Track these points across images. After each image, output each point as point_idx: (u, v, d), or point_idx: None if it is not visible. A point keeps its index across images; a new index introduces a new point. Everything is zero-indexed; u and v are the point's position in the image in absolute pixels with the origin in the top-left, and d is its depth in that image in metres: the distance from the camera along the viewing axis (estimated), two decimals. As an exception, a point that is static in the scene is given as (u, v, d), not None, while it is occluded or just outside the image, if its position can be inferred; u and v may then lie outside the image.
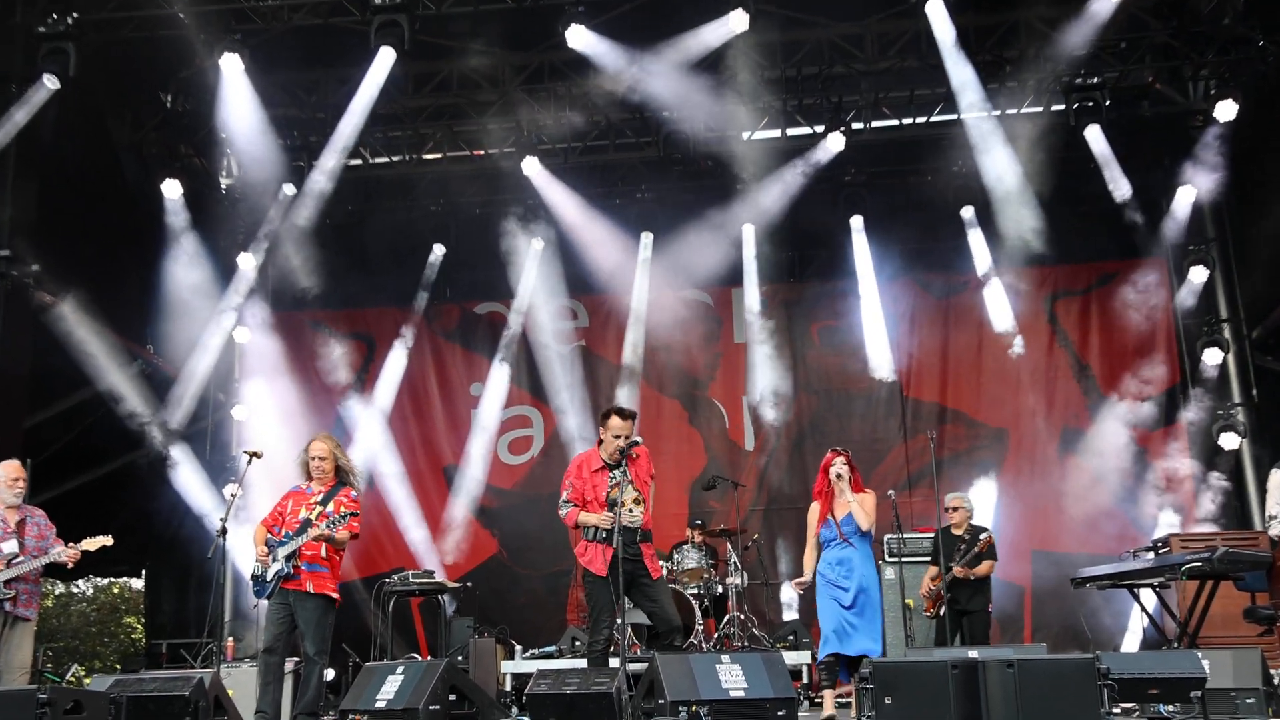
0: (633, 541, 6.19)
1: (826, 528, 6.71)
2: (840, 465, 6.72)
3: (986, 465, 11.00)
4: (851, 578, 6.53)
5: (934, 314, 11.58)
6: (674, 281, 11.55)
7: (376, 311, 12.27)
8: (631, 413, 6.38)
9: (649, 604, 6.27)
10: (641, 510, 6.26)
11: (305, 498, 6.49)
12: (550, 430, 11.86)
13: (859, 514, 6.62)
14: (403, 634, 10.83)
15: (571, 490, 6.29)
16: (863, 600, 6.49)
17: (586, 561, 6.25)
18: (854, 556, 6.59)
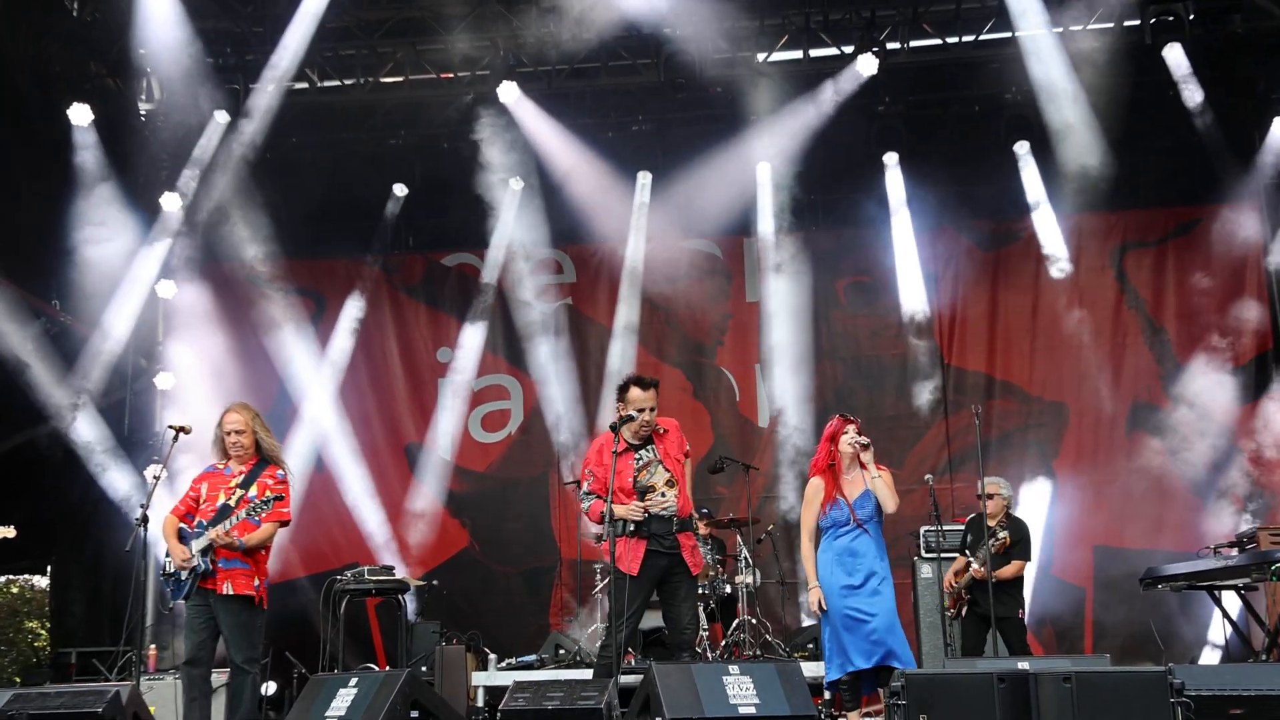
0: (669, 532, 6.26)
1: (835, 508, 6.46)
2: (854, 437, 6.48)
3: (1041, 446, 11.01)
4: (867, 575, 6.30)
5: (980, 268, 11.54)
6: (676, 229, 11.54)
7: (326, 263, 12.23)
8: (652, 381, 6.43)
9: (670, 608, 6.30)
10: (675, 494, 6.31)
11: (223, 480, 6.46)
12: (531, 403, 11.87)
13: (883, 491, 6.39)
14: (356, 640, 10.82)
15: (594, 480, 6.34)
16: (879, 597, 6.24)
17: (617, 558, 6.26)
18: (870, 547, 6.36)
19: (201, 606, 6.29)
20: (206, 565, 6.23)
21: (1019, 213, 11.26)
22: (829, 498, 6.48)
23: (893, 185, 11.40)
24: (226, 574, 6.26)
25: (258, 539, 6.32)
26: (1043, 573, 10.56)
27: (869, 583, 6.29)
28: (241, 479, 6.40)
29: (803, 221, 11.67)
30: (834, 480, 6.52)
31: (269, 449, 6.51)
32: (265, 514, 6.27)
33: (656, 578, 6.19)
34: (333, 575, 9.02)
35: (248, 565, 6.31)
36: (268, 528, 6.35)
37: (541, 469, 11.71)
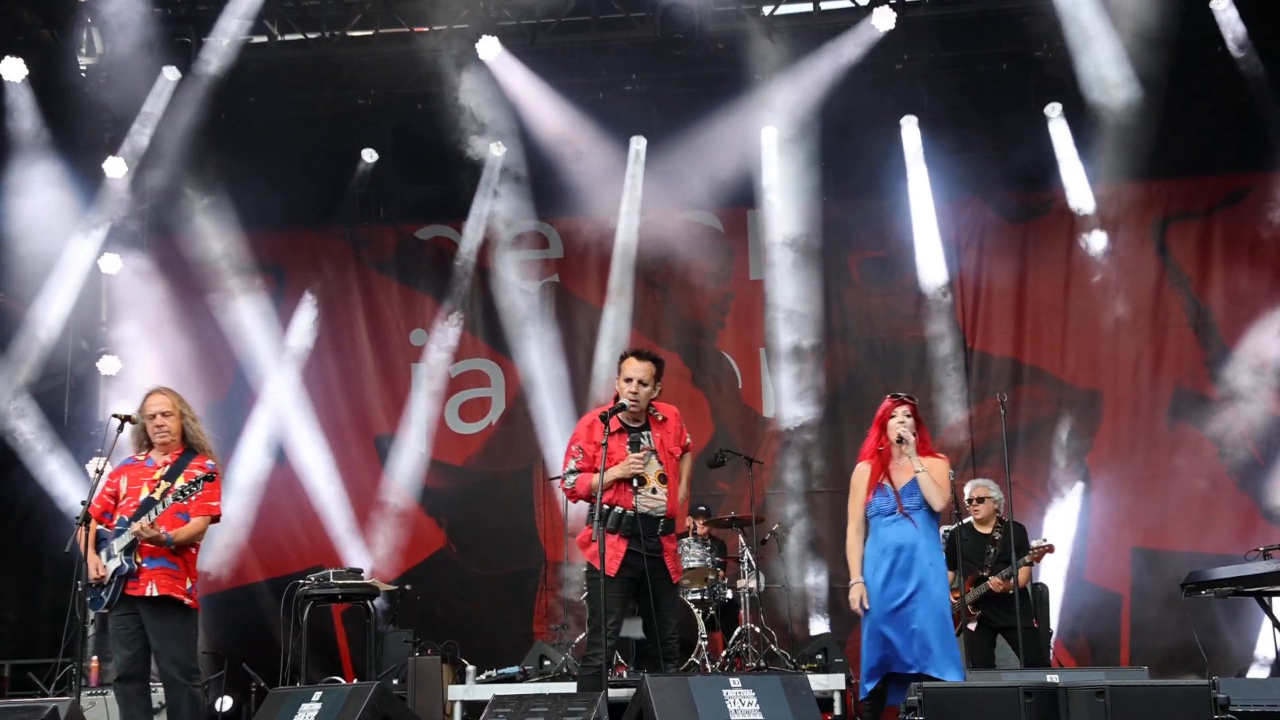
0: (653, 533, 6.28)
1: (881, 496, 6.40)
2: (902, 420, 6.43)
3: (1074, 438, 10.97)
4: (913, 570, 6.23)
5: (1008, 243, 11.51)
6: (673, 200, 11.51)
7: (288, 235, 12.20)
8: (651, 355, 6.45)
9: (654, 618, 6.30)
10: (666, 492, 6.33)
11: (145, 472, 6.42)
12: (513, 391, 11.85)
13: (928, 486, 6.33)
14: (321, 650, 10.83)
15: (582, 456, 6.34)
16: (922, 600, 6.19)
17: (592, 555, 6.27)
18: (917, 540, 6.28)
19: (129, 615, 6.24)
20: (131, 565, 6.18)
21: (1050, 181, 11.22)
22: (874, 483, 6.43)
23: (911, 151, 11.35)
24: (150, 574, 6.21)
25: (187, 534, 6.28)
26: (1075, 577, 10.58)
27: (912, 580, 6.22)
28: (166, 470, 6.36)
29: (812, 191, 11.59)
30: (882, 465, 6.46)
31: (195, 437, 6.46)
32: (194, 497, 6.20)
33: (636, 581, 6.16)
34: (295, 579, 9.00)
35: (175, 565, 6.26)
36: (197, 522, 6.30)
37: (525, 463, 11.69)
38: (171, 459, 6.40)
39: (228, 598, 11.20)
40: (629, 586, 6.21)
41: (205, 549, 6.77)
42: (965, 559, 8.32)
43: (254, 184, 11.42)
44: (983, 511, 8.45)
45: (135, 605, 6.24)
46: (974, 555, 8.40)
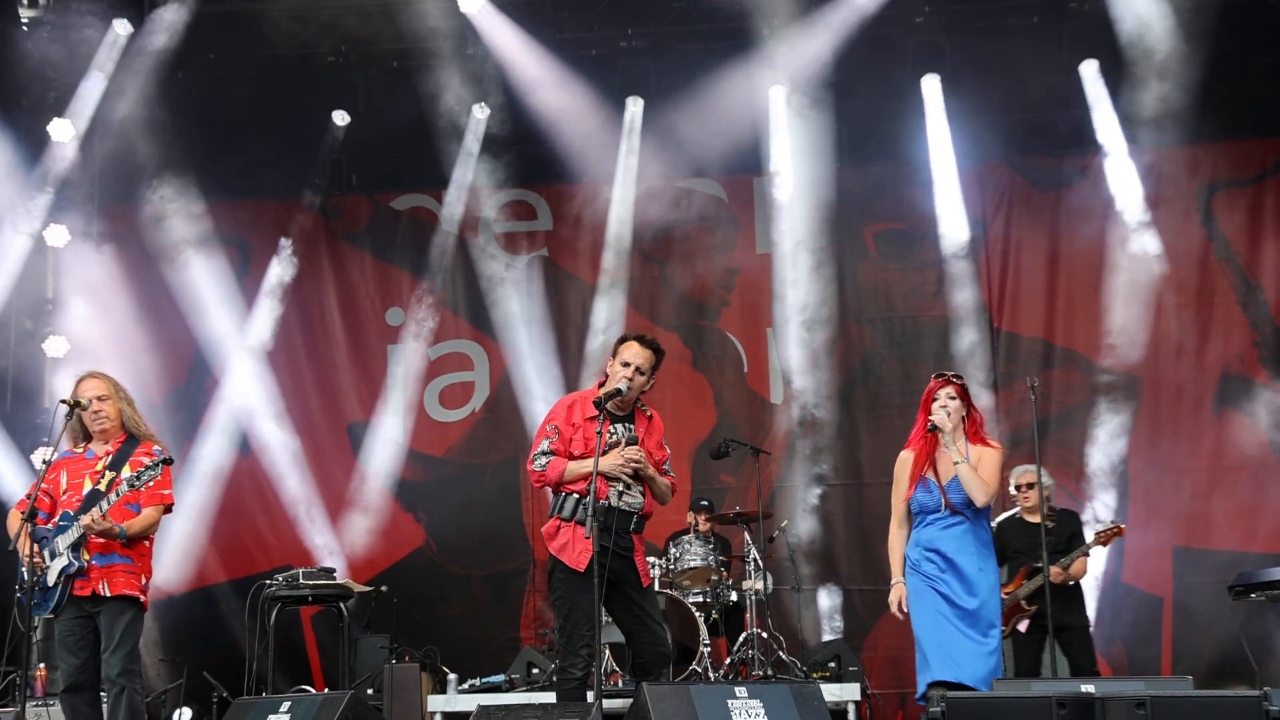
0: (625, 530, 6.26)
1: (924, 491, 6.28)
2: (945, 404, 6.29)
3: (1110, 426, 10.93)
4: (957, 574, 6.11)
5: (1038, 212, 11.50)
6: (673, 166, 11.50)
7: (252, 205, 12.18)
8: (655, 345, 6.44)
9: (631, 621, 6.30)
10: (642, 491, 6.35)
11: (85, 464, 6.44)
12: (498, 375, 11.86)
13: (969, 480, 6.15)
14: (290, 657, 10.83)
15: (556, 438, 6.31)
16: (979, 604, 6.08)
17: (559, 549, 6.25)
18: (967, 538, 6.17)
19: (77, 620, 6.25)
20: (79, 563, 6.18)
21: (1084, 146, 11.20)
22: (917, 475, 6.30)
23: (933, 113, 11.34)
24: (103, 572, 6.22)
25: (140, 526, 6.30)
26: (1111, 579, 10.59)
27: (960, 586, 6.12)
28: (109, 460, 6.36)
29: (825, 157, 11.58)
30: (927, 454, 6.31)
31: (135, 424, 6.48)
32: (147, 485, 6.19)
33: (608, 582, 6.13)
34: (260, 580, 9.03)
35: (130, 559, 6.28)
36: (149, 513, 6.32)
37: (511, 453, 11.67)
38: (113, 448, 6.42)
39: (187, 600, 11.21)
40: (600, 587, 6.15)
41: (161, 546, 6.78)
42: (1016, 552, 8.27)
43: (214, 149, 11.42)
44: (1032, 499, 8.41)
45: (84, 607, 6.24)
46: (1025, 548, 8.37)
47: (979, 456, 6.23)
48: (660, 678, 6.21)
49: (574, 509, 6.22)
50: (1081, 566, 8.33)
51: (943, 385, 6.35)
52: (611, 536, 6.07)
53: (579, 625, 6.14)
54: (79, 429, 6.47)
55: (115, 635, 6.20)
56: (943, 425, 6.24)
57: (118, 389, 6.50)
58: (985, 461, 6.22)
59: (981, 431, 6.36)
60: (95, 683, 6.31)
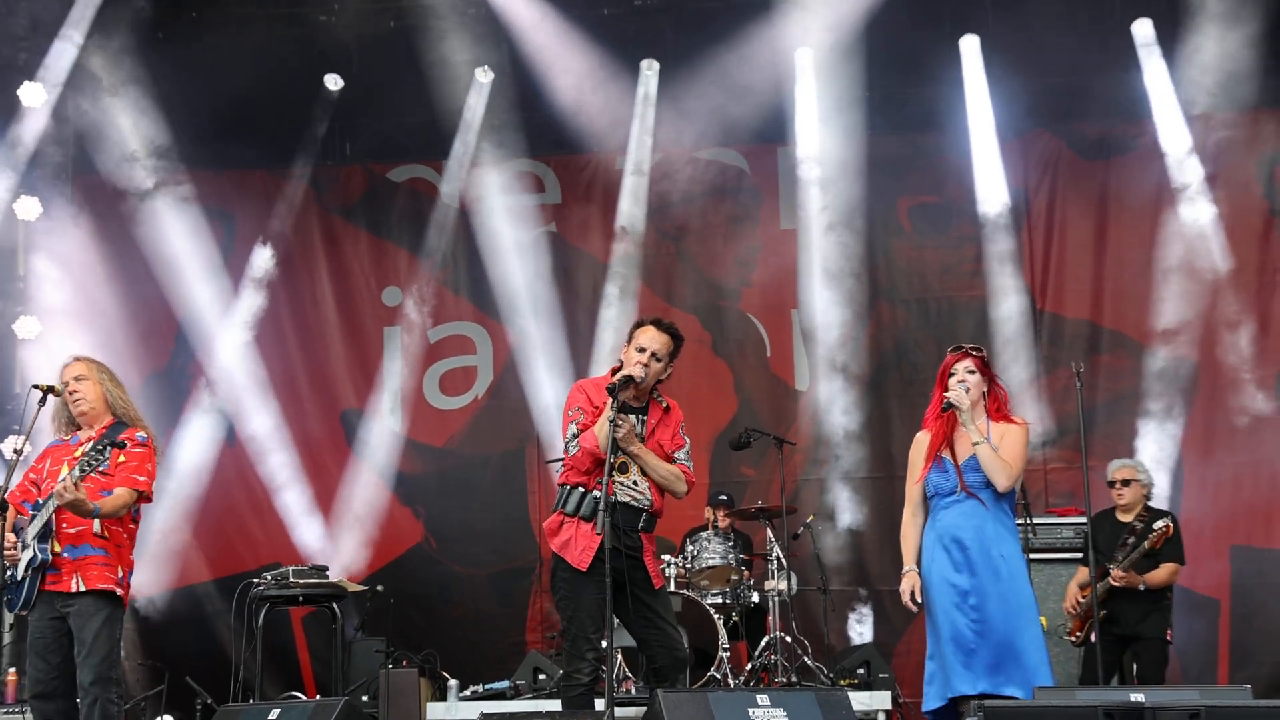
0: (633, 527, 6.25)
1: (938, 472, 6.22)
2: (963, 379, 6.23)
3: (1163, 415, 10.89)
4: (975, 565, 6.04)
5: (1085, 184, 11.44)
6: (691, 135, 11.52)
7: (238, 176, 12.17)
8: (674, 330, 6.44)
9: (642, 625, 6.28)
10: (649, 486, 6.36)
11: (67, 451, 6.45)
12: (503, 359, 11.86)
13: (990, 462, 6.08)
14: (279, 661, 10.88)
15: (583, 416, 6.33)
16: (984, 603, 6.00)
17: (561, 545, 6.25)
18: (982, 526, 6.08)
19: (49, 620, 6.24)
20: (45, 555, 6.17)
21: (1136, 112, 11.15)
22: (932, 456, 6.25)
23: (972, 77, 11.29)
24: (75, 564, 6.21)
25: (112, 505, 6.26)
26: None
27: (974, 577, 6.05)
28: (91, 447, 6.32)
29: (855, 125, 11.53)
30: (944, 434, 6.26)
31: (123, 407, 6.50)
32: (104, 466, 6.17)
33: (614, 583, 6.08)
34: (247, 579, 9.01)
35: (104, 550, 6.26)
36: (120, 494, 6.27)
37: (516, 443, 11.71)
38: (97, 435, 6.42)
39: (169, 601, 11.24)
40: (605, 588, 6.11)
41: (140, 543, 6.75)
42: (1099, 552, 8.17)
43: (198, 116, 11.38)
44: (1128, 496, 8.35)
45: (56, 605, 6.23)
46: (1109, 547, 8.32)
47: (1001, 435, 6.15)
48: (677, 684, 6.21)
49: (579, 503, 6.22)
50: (1164, 575, 8.26)
51: (960, 359, 6.30)
52: (620, 535, 6.06)
53: (584, 628, 6.15)
54: (66, 415, 6.51)
55: (88, 638, 6.19)
56: (959, 403, 6.17)
57: (100, 370, 6.54)
58: (1008, 440, 6.15)
59: (1005, 408, 6.29)
60: (68, 690, 6.30)
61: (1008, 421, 6.21)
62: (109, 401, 6.49)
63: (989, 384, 6.28)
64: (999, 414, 6.24)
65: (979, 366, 6.25)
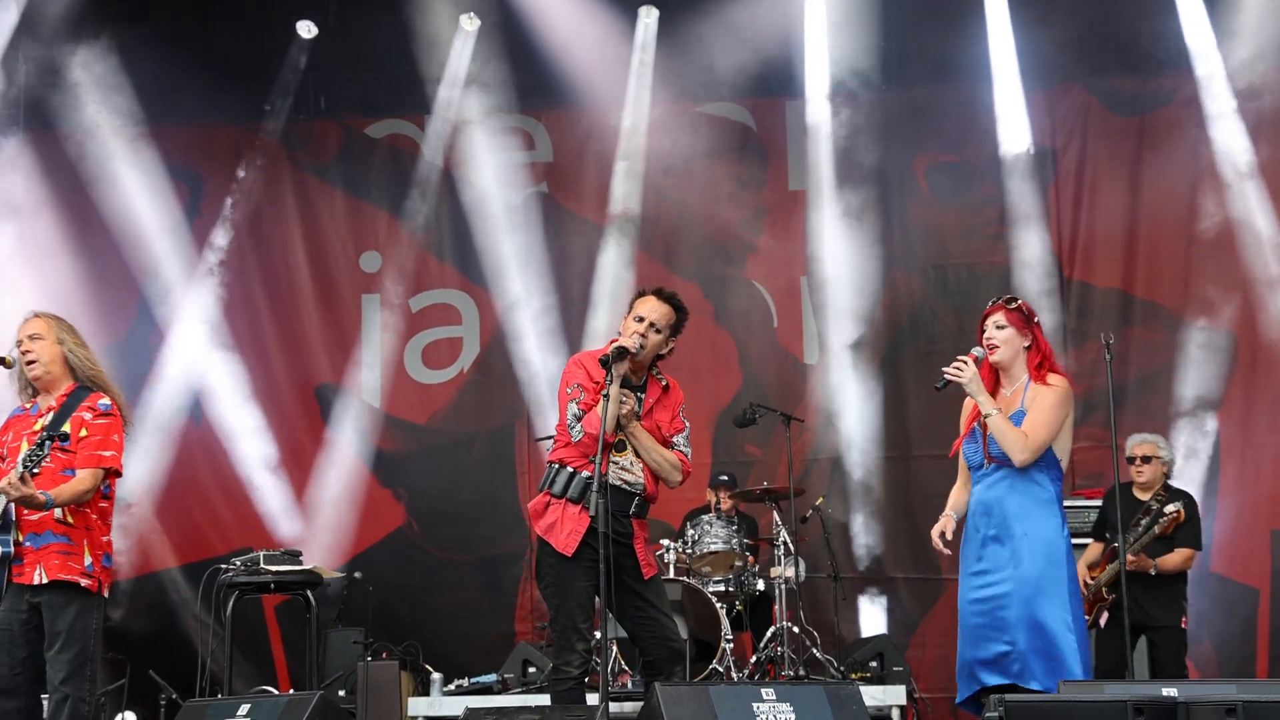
0: (624, 513, 6.26)
1: (970, 442, 6.13)
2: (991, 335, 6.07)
3: (1199, 391, 10.91)
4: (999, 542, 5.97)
5: (1118, 144, 11.41)
6: (692, 89, 11.50)
7: (204, 131, 12.15)
8: (676, 301, 6.43)
9: (634, 615, 6.30)
10: (643, 469, 6.36)
11: (28, 423, 6.36)
12: (490, 330, 11.87)
13: (1001, 433, 5.91)
14: (250, 653, 10.93)
15: (584, 395, 6.31)
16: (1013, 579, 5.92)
17: (546, 529, 6.26)
18: (1007, 498, 5.98)
19: (17, 612, 6.19)
20: (6, 547, 6.12)
21: (1173, 63, 11.11)
22: (969, 426, 6.15)
23: (996, 26, 11.24)
24: (38, 554, 6.15)
25: (69, 493, 6.16)
26: (1199, 568, 10.49)
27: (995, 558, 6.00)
28: (51, 418, 6.28)
29: (869, 78, 11.55)
30: None
31: (87, 369, 6.39)
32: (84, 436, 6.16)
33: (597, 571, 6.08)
34: (216, 564, 8.99)
35: (67, 538, 6.18)
36: (83, 477, 6.19)
37: (505, 420, 11.73)
38: (57, 402, 6.33)
39: (131, 588, 11.26)
40: (593, 575, 6.13)
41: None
42: (1112, 528, 8.17)
43: (160, 65, 11.26)
44: (1148, 474, 8.34)
45: (25, 598, 6.18)
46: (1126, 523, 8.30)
47: (1036, 396, 5.99)
48: (674, 677, 6.22)
49: (567, 484, 6.23)
50: (1178, 559, 8.30)
51: (991, 311, 6.15)
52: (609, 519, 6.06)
53: (573, 617, 6.15)
54: (26, 379, 6.40)
55: (58, 633, 6.14)
56: (956, 376, 6.04)
57: (59, 327, 6.39)
58: (1035, 406, 5.98)
59: (1047, 364, 6.08)
60: (33, 686, 6.26)
61: (1042, 382, 6.01)
62: (70, 363, 6.35)
63: (1031, 338, 6.09)
64: (1039, 372, 6.04)
65: (1013, 320, 6.07)
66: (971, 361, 6.07)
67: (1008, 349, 6.09)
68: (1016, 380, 6.09)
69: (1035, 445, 5.93)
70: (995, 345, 6.08)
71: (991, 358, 6.12)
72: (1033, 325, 6.12)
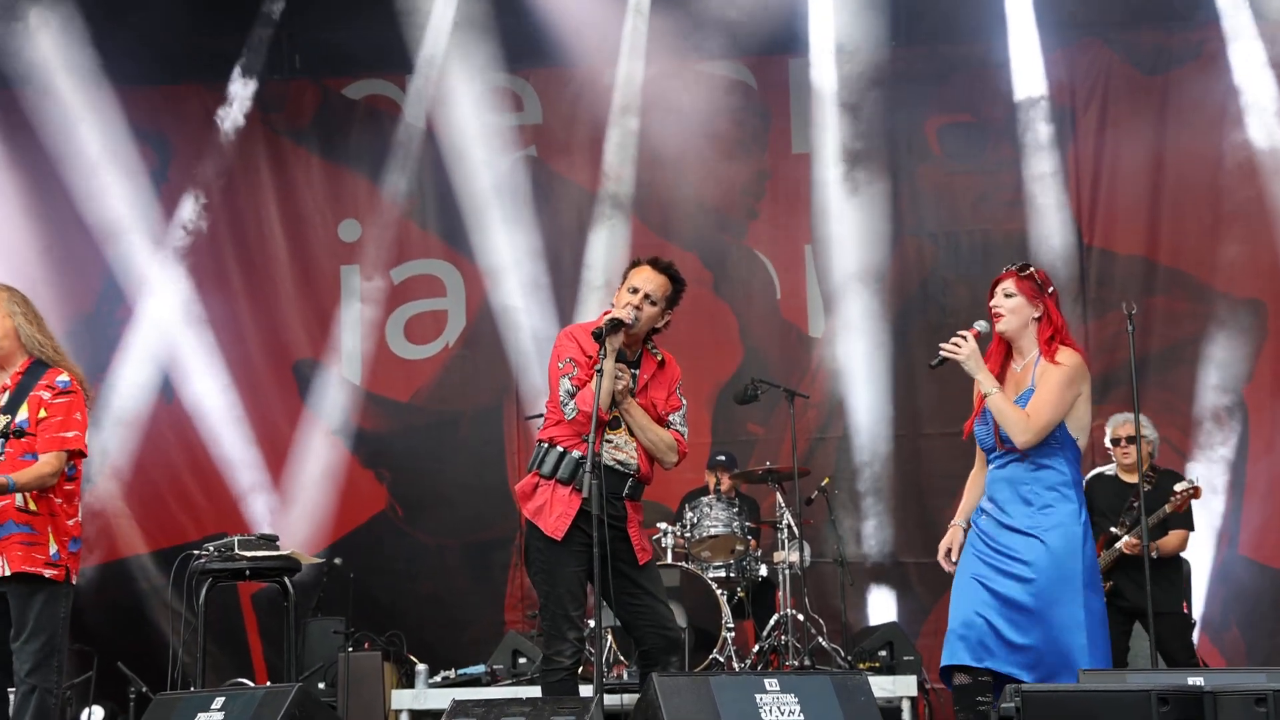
0: (616, 494, 6.26)
1: (980, 424, 6.02)
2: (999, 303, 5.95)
3: (1228, 364, 10.93)
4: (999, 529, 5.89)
5: (1141, 101, 11.41)
6: (689, 45, 11.46)
7: (172, 92, 12.16)
8: (673, 272, 6.39)
9: (628, 601, 6.27)
10: (637, 448, 6.35)
11: None
12: (476, 302, 11.89)
13: (1002, 413, 5.79)
14: (225, 644, 10.98)
15: (576, 370, 6.26)
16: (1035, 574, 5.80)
17: (534, 511, 6.24)
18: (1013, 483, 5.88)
19: None
20: None
21: (1200, 16, 11.14)
22: (978, 407, 6.04)
23: (1011, -22, 11.26)
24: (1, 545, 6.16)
25: (30, 477, 6.17)
26: (1226, 551, 10.61)
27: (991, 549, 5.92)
28: (6, 398, 6.30)
29: (877, 34, 11.50)
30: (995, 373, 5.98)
31: (39, 346, 6.39)
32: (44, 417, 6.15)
33: (588, 557, 6.07)
34: (188, 550, 8.85)
35: (29, 527, 6.19)
36: (47, 460, 6.20)
37: (493, 398, 11.75)
38: (12, 381, 6.34)
39: (99, 576, 11.27)
40: (584, 560, 6.12)
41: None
42: (1100, 515, 8.20)
43: (125, 21, 11.24)
44: (1132, 455, 8.32)
45: None
46: (1111, 509, 8.39)
47: (1043, 375, 5.86)
48: (670, 667, 6.21)
49: (556, 464, 6.19)
50: (1176, 541, 8.34)
51: (1001, 279, 5.99)
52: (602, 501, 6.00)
53: (563, 605, 6.14)
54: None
55: (27, 622, 6.18)
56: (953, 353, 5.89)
57: (11, 299, 6.39)
58: (1043, 383, 5.85)
59: (1059, 338, 5.92)
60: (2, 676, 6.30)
61: (1051, 360, 5.86)
62: (22, 338, 6.36)
63: (1043, 309, 5.93)
64: (1050, 347, 5.91)
65: (1023, 288, 5.92)
66: (972, 337, 5.93)
67: (1015, 319, 5.94)
68: (1027, 355, 5.96)
69: (1038, 427, 5.79)
70: (1001, 314, 5.94)
71: (998, 327, 5.99)
72: (1045, 295, 5.96)
